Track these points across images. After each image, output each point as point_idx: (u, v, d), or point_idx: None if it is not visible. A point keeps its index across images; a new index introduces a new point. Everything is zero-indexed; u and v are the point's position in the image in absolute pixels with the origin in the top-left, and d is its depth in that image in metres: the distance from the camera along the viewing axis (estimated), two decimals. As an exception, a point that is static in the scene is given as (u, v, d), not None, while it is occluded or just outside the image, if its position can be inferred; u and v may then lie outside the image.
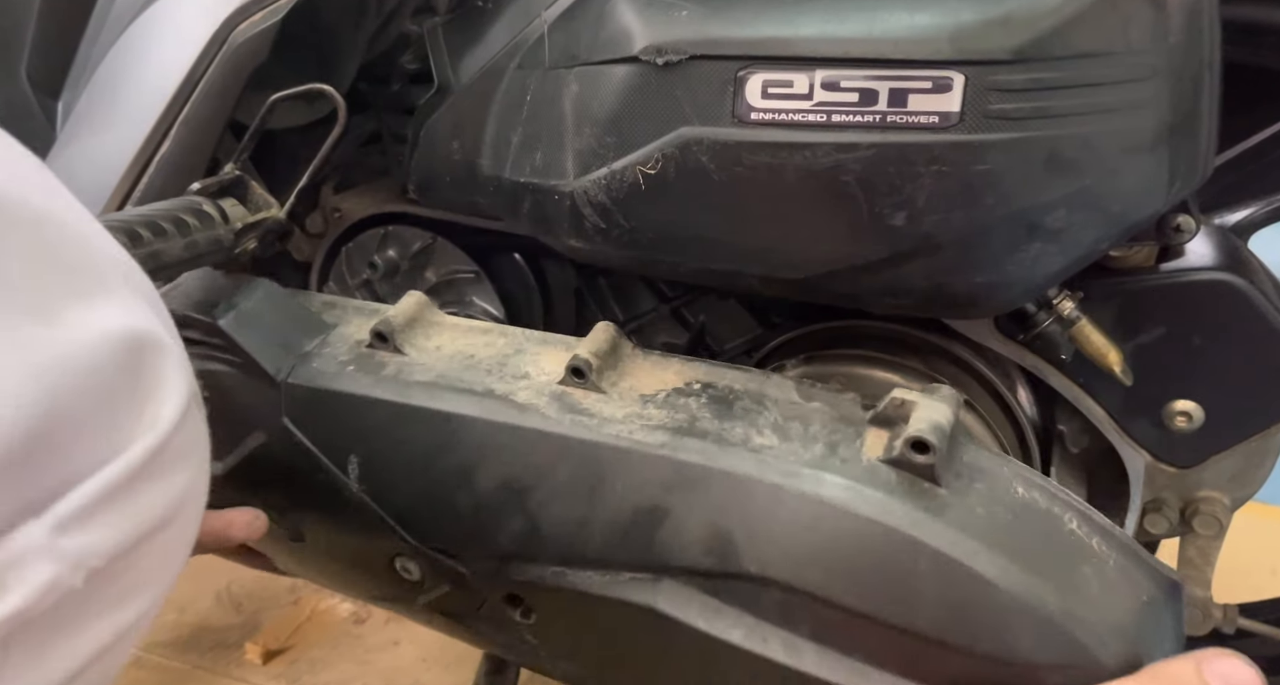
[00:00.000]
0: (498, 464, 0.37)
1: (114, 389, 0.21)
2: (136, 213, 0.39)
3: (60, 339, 0.20)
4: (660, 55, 0.34)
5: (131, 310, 0.22)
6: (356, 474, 0.40)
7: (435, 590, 0.42)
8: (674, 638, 0.35)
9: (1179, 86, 0.33)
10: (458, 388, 0.39)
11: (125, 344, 0.22)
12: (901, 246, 0.34)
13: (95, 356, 0.21)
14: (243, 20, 0.43)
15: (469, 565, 0.40)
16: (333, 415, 0.40)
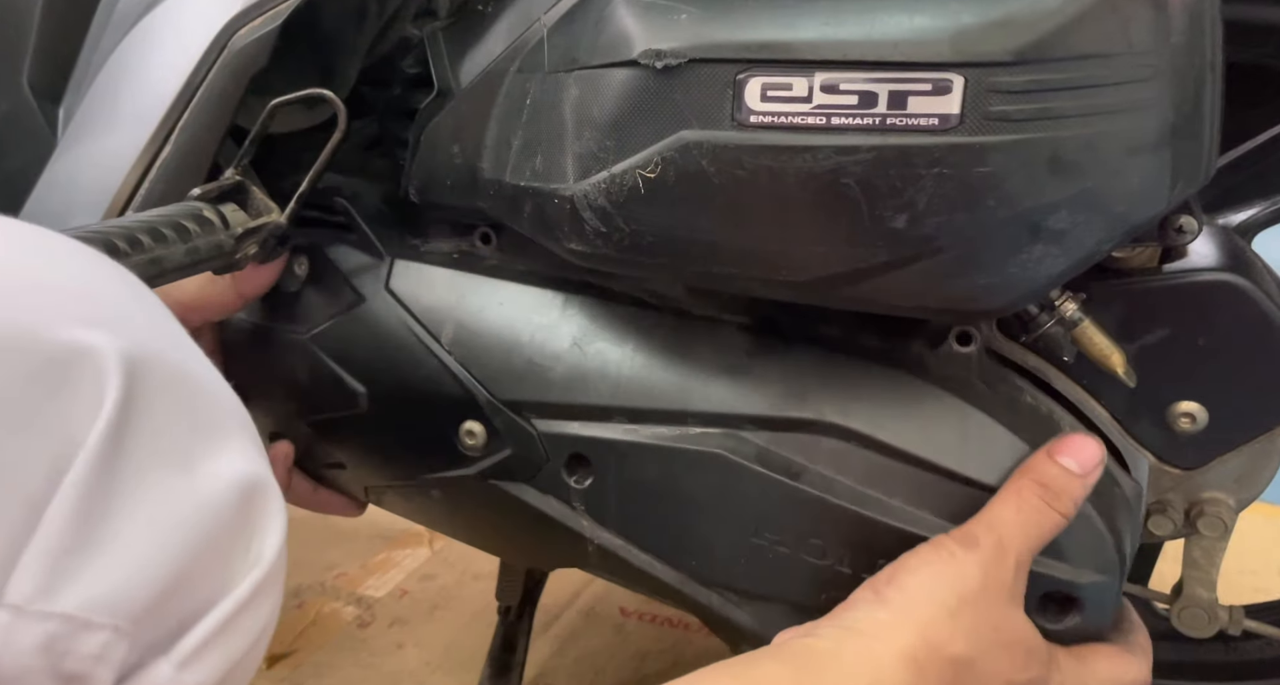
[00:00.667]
0: (589, 337, 0.44)
1: (232, 531, 0.24)
2: (137, 219, 0.39)
3: (197, 489, 0.23)
4: (659, 59, 0.34)
5: (248, 455, 0.25)
6: (450, 338, 0.46)
7: (496, 455, 0.46)
8: (734, 483, 0.41)
9: (1181, 87, 0.33)
10: (559, 277, 0.46)
11: (243, 489, 0.24)
12: (903, 249, 0.34)
13: (223, 504, 0.23)
14: (242, 26, 0.43)
15: (540, 426, 0.45)
16: (435, 289, 0.47)
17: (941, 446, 0.39)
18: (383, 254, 0.48)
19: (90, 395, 0.21)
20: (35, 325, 0.21)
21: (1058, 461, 0.37)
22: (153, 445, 0.22)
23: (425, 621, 0.91)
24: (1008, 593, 0.35)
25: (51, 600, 0.20)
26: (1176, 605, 0.52)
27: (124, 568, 0.21)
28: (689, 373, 0.43)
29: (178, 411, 0.23)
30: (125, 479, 0.22)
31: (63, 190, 0.47)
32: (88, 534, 0.21)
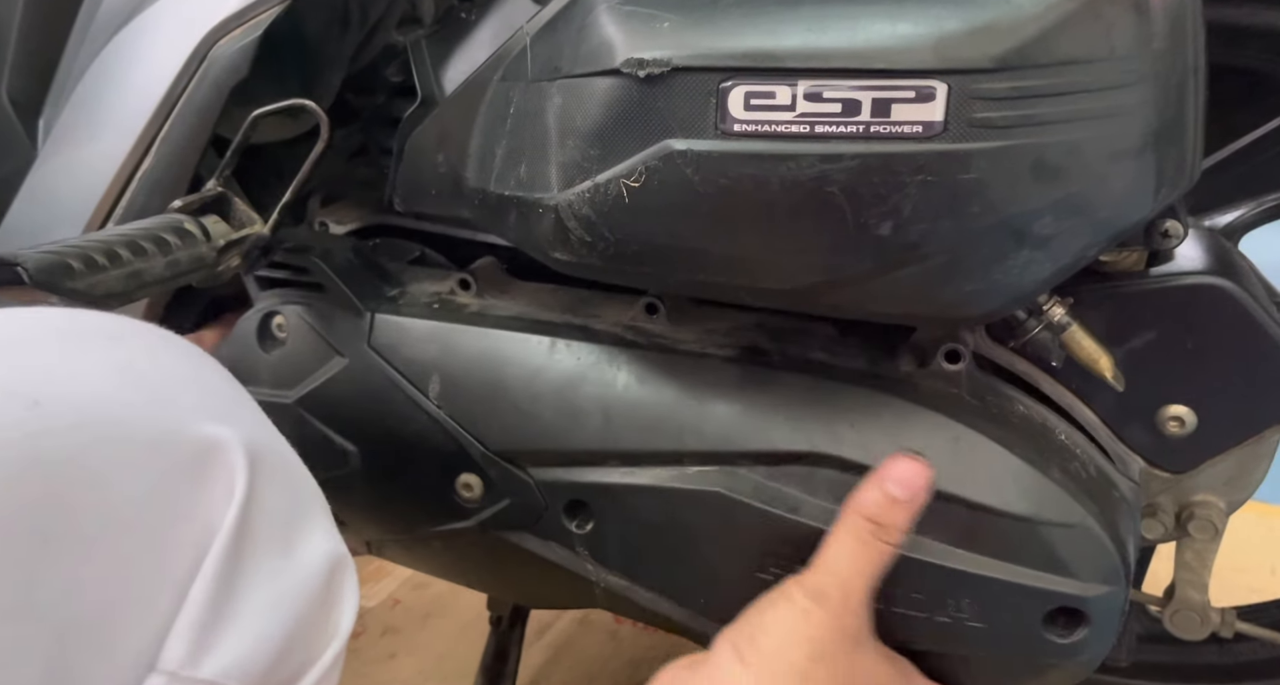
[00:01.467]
0: (577, 380, 0.44)
1: (323, 605, 0.27)
2: (116, 232, 0.39)
3: (298, 567, 0.26)
4: (642, 68, 0.34)
5: (331, 533, 0.28)
6: (436, 392, 0.46)
7: (494, 506, 0.46)
8: (734, 520, 0.41)
9: (1164, 92, 0.33)
10: (540, 320, 0.46)
11: (330, 566, 0.27)
12: (888, 256, 0.34)
13: (317, 581, 0.26)
14: (222, 36, 0.43)
15: (535, 474, 0.45)
16: (417, 342, 0.47)
17: (936, 471, 0.39)
18: (361, 310, 0.48)
19: (224, 485, 0.24)
20: (179, 422, 0.24)
21: (884, 490, 0.37)
22: (268, 528, 0.25)
23: (418, 630, 0.91)
24: (854, 638, 0.37)
25: (197, 667, 0.23)
26: (1169, 608, 0.52)
27: (248, 639, 0.24)
28: (680, 411, 0.42)
29: (284, 496, 0.26)
30: (248, 559, 0.25)
31: (43, 203, 0.47)
32: (221, 609, 0.24)
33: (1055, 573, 0.38)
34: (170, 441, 0.24)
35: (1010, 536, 0.38)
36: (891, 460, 0.38)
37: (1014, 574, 0.38)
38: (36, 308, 0.27)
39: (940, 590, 0.39)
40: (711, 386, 0.42)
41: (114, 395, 0.24)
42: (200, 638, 0.23)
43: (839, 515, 0.39)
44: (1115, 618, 0.39)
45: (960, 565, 0.39)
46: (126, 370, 0.25)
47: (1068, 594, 0.38)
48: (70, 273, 0.35)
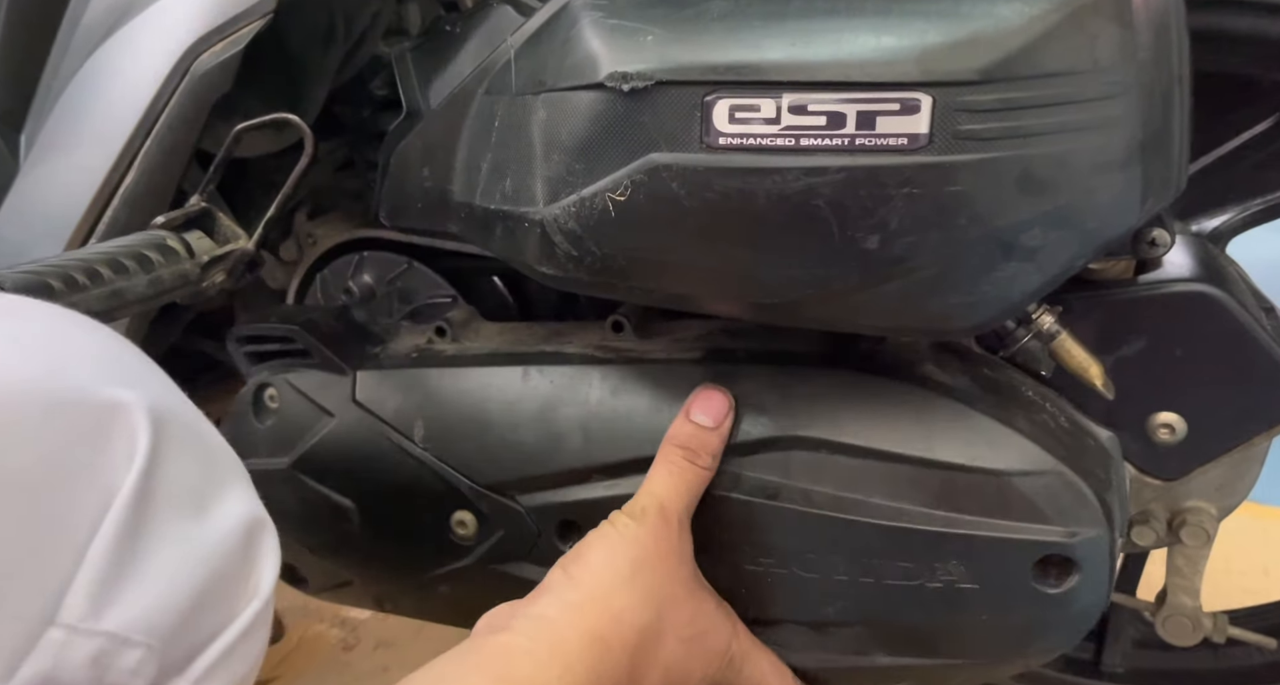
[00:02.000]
0: (553, 403, 0.45)
1: (237, 566, 0.27)
2: (97, 250, 0.38)
3: (209, 528, 0.27)
4: (626, 81, 0.34)
5: (248, 497, 0.28)
6: (421, 436, 0.47)
7: (489, 540, 0.47)
8: (717, 516, 0.42)
9: (1149, 102, 0.33)
10: (515, 352, 0.48)
11: (246, 528, 0.28)
12: (876, 269, 0.34)
13: (230, 540, 0.27)
14: (205, 50, 0.42)
15: (525, 502, 0.46)
16: (400, 391, 0.48)
17: (905, 437, 0.40)
18: (344, 369, 0.49)
19: (125, 447, 0.25)
20: (77, 388, 0.25)
21: (692, 421, 0.41)
22: (173, 490, 0.26)
23: (411, 642, 0.90)
24: (675, 552, 0.40)
25: (98, 620, 0.24)
26: (1161, 614, 0.52)
27: (154, 595, 0.25)
28: (652, 418, 0.43)
29: (192, 460, 0.27)
30: (152, 519, 0.25)
31: (24, 219, 0.46)
32: (123, 566, 0.24)
33: (1036, 522, 0.39)
34: (66, 406, 0.24)
35: (986, 492, 0.39)
36: (696, 392, 0.42)
37: (996, 528, 0.39)
38: None
39: (927, 556, 0.40)
40: (680, 390, 0.43)
41: (6, 360, 0.24)
42: (100, 593, 0.24)
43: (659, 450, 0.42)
44: (1104, 562, 0.40)
45: (943, 527, 0.39)
46: (20, 337, 0.25)
47: (1051, 542, 0.39)
48: (50, 292, 0.35)
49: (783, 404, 0.42)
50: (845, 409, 0.41)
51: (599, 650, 0.36)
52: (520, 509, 0.46)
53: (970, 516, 0.39)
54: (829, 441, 0.40)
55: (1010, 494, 0.39)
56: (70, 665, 0.23)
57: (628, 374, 0.44)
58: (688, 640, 0.40)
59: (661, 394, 0.44)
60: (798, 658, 0.44)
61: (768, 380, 0.42)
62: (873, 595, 0.41)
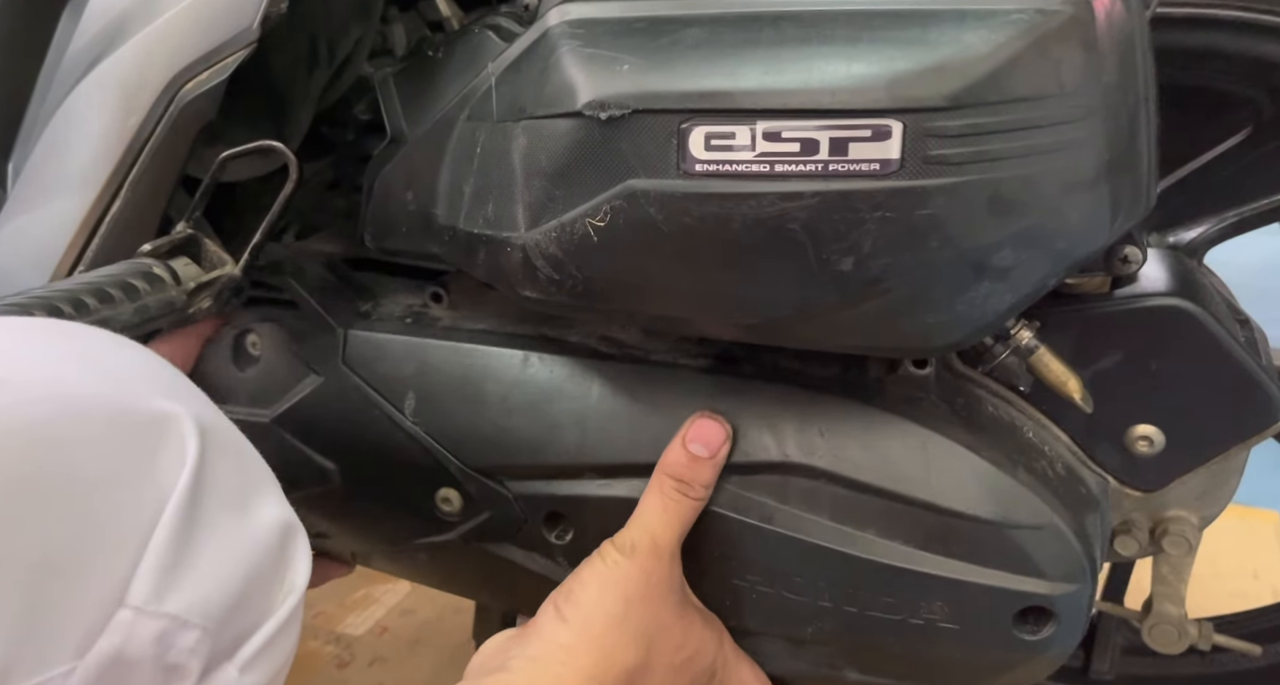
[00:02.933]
0: (551, 394, 0.44)
1: (275, 563, 0.30)
2: (82, 280, 0.39)
3: (250, 528, 0.29)
4: (603, 110, 0.34)
5: (282, 503, 0.31)
6: (411, 409, 0.46)
7: (474, 519, 0.46)
8: (709, 531, 0.42)
9: (1116, 124, 0.34)
10: (514, 333, 0.46)
11: (281, 528, 0.30)
12: (851, 291, 0.35)
13: (268, 540, 0.30)
14: (189, 79, 0.43)
15: (513, 488, 0.45)
16: (391, 359, 0.47)
17: (906, 477, 0.40)
18: (334, 327, 0.48)
19: (176, 452, 0.28)
20: (133, 399, 0.28)
21: (688, 450, 0.41)
22: (219, 491, 0.29)
23: (406, 658, 0.90)
24: (665, 586, 0.41)
25: (161, 603, 0.26)
26: (1147, 622, 0.52)
27: (207, 582, 0.27)
28: (654, 423, 0.43)
29: (232, 465, 0.30)
30: (202, 516, 0.28)
31: (11, 249, 0.47)
32: (180, 556, 0.27)
33: (1024, 574, 0.39)
34: (125, 414, 0.27)
35: (980, 540, 0.40)
36: (693, 420, 0.41)
37: (984, 576, 0.40)
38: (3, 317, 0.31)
39: (912, 594, 0.40)
40: (684, 398, 0.43)
41: (72, 377, 0.27)
42: (162, 579, 0.26)
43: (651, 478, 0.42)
44: (1081, 614, 0.40)
45: (931, 569, 0.40)
46: (82, 356, 0.29)
47: (1036, 594, 0.39)
48: (36, 324, 0.35)
49: (786, 427, 0.41)
50: (849, 441, 0.41)
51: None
52: (508, 494, 0.45)
53: (960, 561, 0.39)
54: (829, 472, 0.41)
55: (1002, 544, 0.39)
56: (137, 643, 0.26)
57: (630, 374, 0.44)
58: (678, 666, 0.41)
59: (664, 400, 0.43)
60: (771, 666, 0.45)
61: (775, 399, 0.42)
62: (853, 622, 0.41)
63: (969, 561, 0.40)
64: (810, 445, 0.41)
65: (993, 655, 0.41)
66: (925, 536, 0.40)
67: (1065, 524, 0.40)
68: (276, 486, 0.32)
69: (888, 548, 0.40)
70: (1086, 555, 0.40)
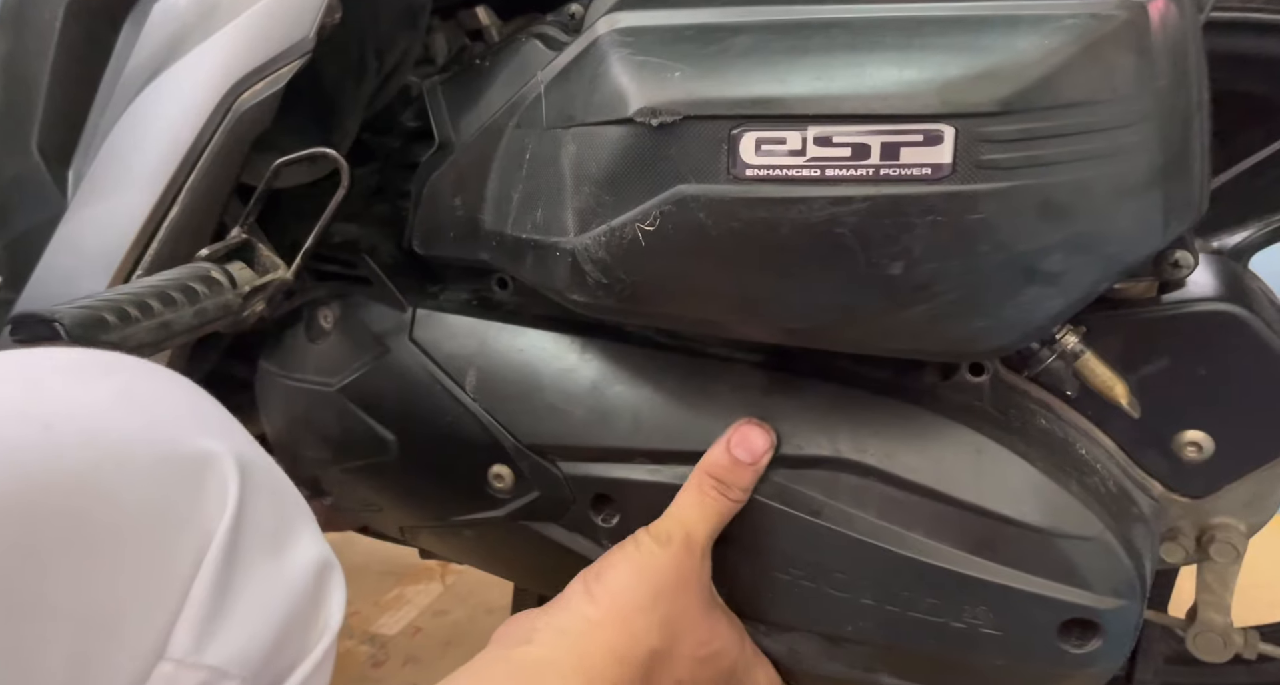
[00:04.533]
0: (608, 380, 0.45)
1: (310, 604, 0.29)
2: (145, 283, 0.40)
3: (287, 571, 0.29)
4: (654, 116, 0.35)
5: (316, 539, 0.31)
6: (473, 385, 0.47)
7: (524, 497, 0.47)
8: (756, 521, 0.42)
9: (1169, 128, 0.34)
10: (572, 319, 0.46)
11: (317, 567, 0.30)
12: (900, 295, 0.35)
13: (304, 581, 0.29)
14: (246, 90, 0.44)
15: (564, 468, 0.46)
16: (457, 337, 0.48)
17: (956, 480, 0.40)
18: (404, 305, 0.50)
19: (218, 494, 0.27)
20: (175, 439, 0.27)
21: (731, 453, 0.41)
22: (257, 533, 0.28)
23: (439, 658, 0.91)
24: (695, 581, 0.41)
25: (201, 655, 0.26)
26: (1191, 631, 0.52)
27: (246, 631, 0.27)
28: (707, 413, 0.43)
29: (270, 505, 0.29)
30: (241, 561, 0.27)
31: (72, 252, 0.48)
32: (220, 605, 0.26)
33: (1071, 584, 0.39)
34: (168, 456, 0.27)
35: (1028, 547, 0.39)
36: (738, 426, 0.42)
37: (1030, 584, 0.39)
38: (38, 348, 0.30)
39: (957, 597, 0.40)
40: (738, 390, 0.43)
41: (115, 417, 0.27)
42: (203, 630, 0.26)
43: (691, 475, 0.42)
44: (1129, 631, 0.40)
45: (977, 573, 0.40)
46: (124, 395, 0.28)
47: (1082, 605, 0.39)
48: (105, 326, 0.36)
49: (839, 425, 0.42)
50: (901, 441, 0.41)
51: (619, 668, 0.38)
52: (559, 474, 0.46)
53: (1008, 568, 0.39)
54: (880, 470, 0.41)
55: (1051, 553, 0.39)
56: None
57: (685, 365, 0.44)
58: (702, 660, 0.41)
59: (717, 392, 0.44)
60: (806, 666, 0.45)
61: (829, 398, 0.42)
62: (894, 622, 0.41)
63: (1016, 568, 0.39)
64: (862, 443, 0.41)
65: (1035, 666, 0.41)
66: (973, 540, 0.40)
67: (1115, 538, 0.39)
68: (312, 520, 0.31)
69: (934, 549, 0.40)
70: (1136, 572, 0.40)
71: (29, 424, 0.24)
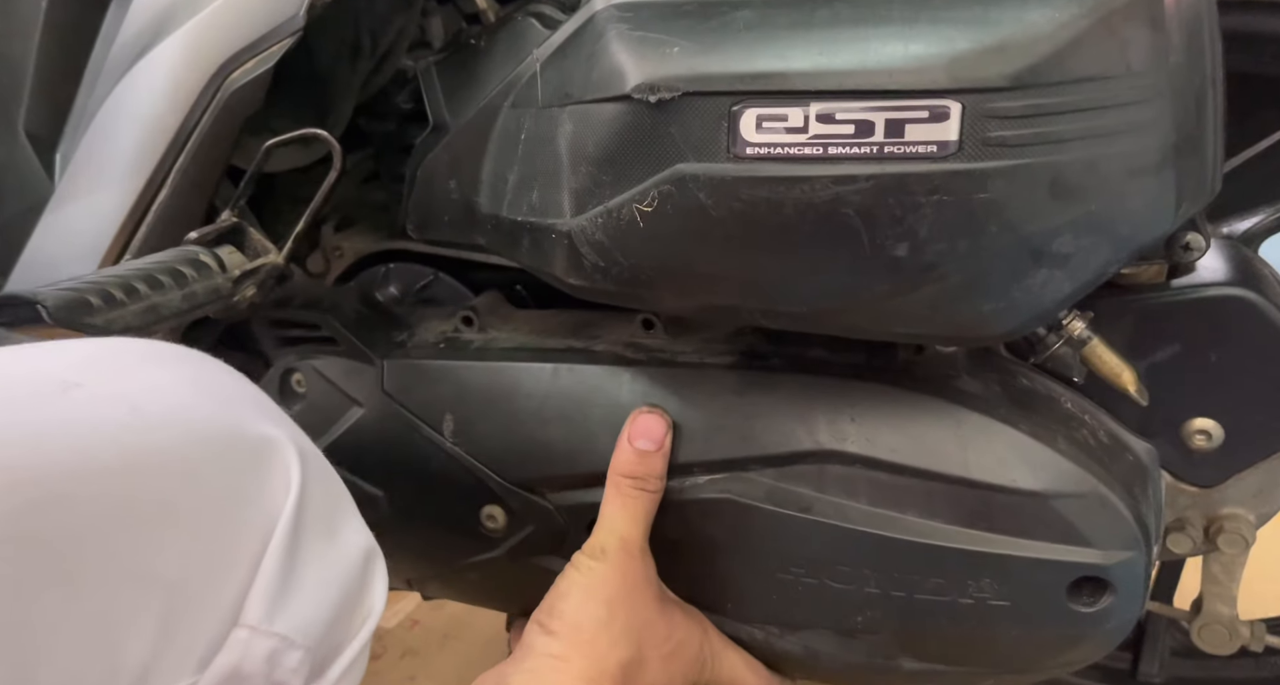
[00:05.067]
0: (583, 403, 0.44)
1: (359, 586, 0.31)
2: (133, 266, 0.39)
3: (340, 553, 0.31)
4: (653, 93, 0.34)
5: (364, 529, 0.32)
6: (451, 430, 0.47)
7: (519, 534, 0.47)
8: (749, 525, 0.42)
9: (1182, 106, 0.33)
10: (543, 347, 0.47)
11: (364, 553, 0.32)
12: (905, 277, 0.34)
13: (354, 565, 0.31)
14: (235, 68, 0.43)
15: (554, 499, 0.46)
16: (428, 383, 0.48)
17: (941, 455, 0.39)
18: (372, 359, 0.49)
19: (282, 477, 0.29)
20: (244, 424, 0.29)
21: (635, 447, 0.42)
22: (316, 517, 0.30)
23: (437, 652, 0.90)
24: (643, 580, 0.42)
25: (272, 623, 0.28)
26: (1197, 622, 0.51)
27: (309, 605, 0.29)
28: (685, 423, 0.43)
29: (325, 492, 0.31)
30: (303, 541, 0.29)
31: (60, 236, 0.47)
32: (287, 579, 0.28)
33: (1073, 543, 0.38)
34: (239, 439, 0.28)
35: (1023, 512, 0.39)
36: (634, 419, 0.43)
37: (1031, 549, 0.39)
38: (115, 338, 0.32)
39: (960, 573, 0.40)
40: (713, 395, 0.43)
41: (192, 402, 0.28)
42: (273, 601, 0.28)
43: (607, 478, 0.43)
44: (1139, 582, 0.39)
45: (977, 546, 0.39)
46: (196, 382, 0.30)
47: (1088, 563, 0.38)
48: (89, 309, 0.35)
49: (817, 416, 0.41)
50: (882, 424, 0.40)
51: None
52: (549, 506, 0.46)
53: (1006, 536, 0.39)
54: (863, 457, 0.40)
55: (1047, 515, 0.38)
56: (251, 660, 0.27)
57: (659, 376, 0.44)
58: (667, 656, 0.42)
59: (694, 399, 0.43)
60: (824, 662, 0.44)
61: (803, 390, 0.42)
62: (903, 607, 0.41)
63: (1014, 535, 0.39)
64: (842, 432, 0.41)
65: (1050, 631, 0.40)
66: (967, 513, 0.39)
67: (1111, 491, 0.39)
68: (357, 512, 0.33)
69: (930, 528, 0.40)
70: (1138, 522, 0.39)
71: (119, 405, 0.26)
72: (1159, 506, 0.42)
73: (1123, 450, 0.42)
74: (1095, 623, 0.39)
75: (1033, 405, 0.42)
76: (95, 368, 0.28)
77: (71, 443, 0.24)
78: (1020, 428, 0.39)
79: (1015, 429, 0.39)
